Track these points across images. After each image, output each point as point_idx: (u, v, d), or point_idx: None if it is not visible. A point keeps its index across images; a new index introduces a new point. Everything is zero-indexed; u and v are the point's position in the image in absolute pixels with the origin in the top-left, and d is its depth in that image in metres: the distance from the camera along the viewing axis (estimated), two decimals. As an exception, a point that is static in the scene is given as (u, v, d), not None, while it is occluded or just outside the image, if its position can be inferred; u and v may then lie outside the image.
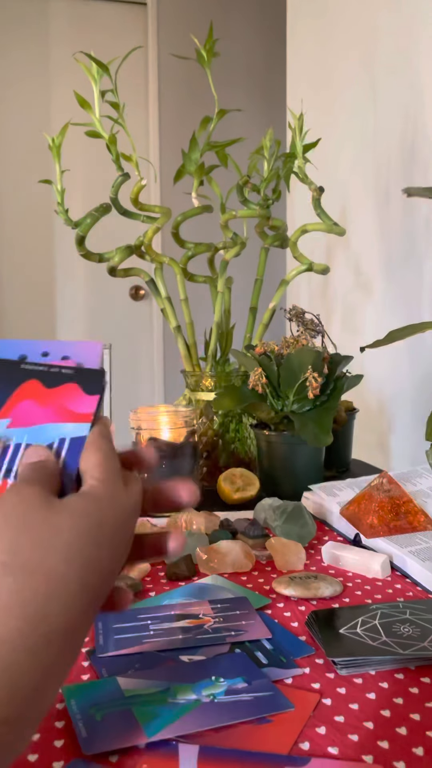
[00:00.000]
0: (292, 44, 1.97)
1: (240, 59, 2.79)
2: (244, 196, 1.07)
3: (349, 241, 1.59)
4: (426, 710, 0.42)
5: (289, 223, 1.79)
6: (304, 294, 1.88)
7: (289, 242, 1.05)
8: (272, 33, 2.79)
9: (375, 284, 1.52)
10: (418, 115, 1.32)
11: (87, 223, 0.99)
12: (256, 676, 0.45)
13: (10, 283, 2.68)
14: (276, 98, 2.72)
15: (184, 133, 1.43)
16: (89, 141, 1.05)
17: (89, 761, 0.37)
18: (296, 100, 1.86)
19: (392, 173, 1.43)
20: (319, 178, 1.10)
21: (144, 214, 1.06)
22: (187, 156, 1.07)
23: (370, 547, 0.69)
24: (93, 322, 2.76)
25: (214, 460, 1.02)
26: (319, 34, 1.79)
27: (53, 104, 2.65)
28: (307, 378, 0.85)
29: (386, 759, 0.38)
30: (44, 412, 0.39)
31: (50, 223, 2.66)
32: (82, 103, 0.97)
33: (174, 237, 1.12)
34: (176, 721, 0.40)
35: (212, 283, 1.11)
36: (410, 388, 1.37)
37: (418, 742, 0.39)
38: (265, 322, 1.08)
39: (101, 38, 2.65)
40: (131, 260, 1.06)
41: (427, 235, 1.29)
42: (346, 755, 0.38)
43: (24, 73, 2.63)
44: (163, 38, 2.71)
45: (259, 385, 0.89)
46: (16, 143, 2.62)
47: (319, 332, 1.01)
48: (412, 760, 0.37)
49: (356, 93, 1.57)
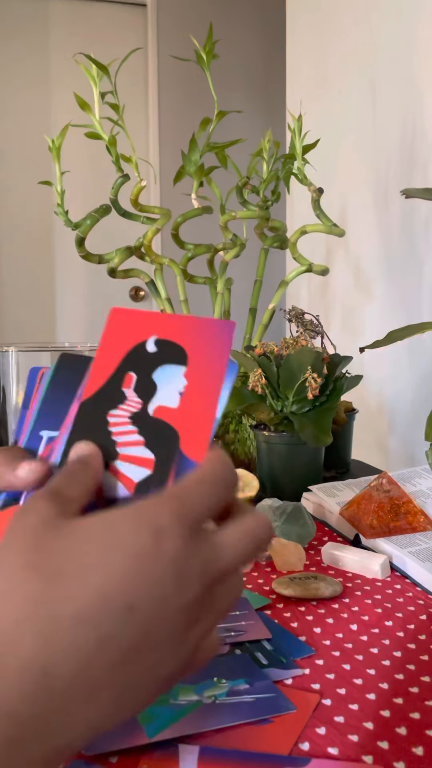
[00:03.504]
0: (291, 45, 1.97)
1: (239, 60, 2.79)
2: (244, 197, 1.07)
3: (348, 242, 1.59)
4: (426, 709, 0.42)
5: (289, 225, 1.79)
6: (303, 295, 1.88)
7: (289, 243, 1.05)
8: (272, 34, 2.79)
9: (374, 285, 1.52)
10: (417, 117, 1.32)
11: (87, 225, 1.00)
12: (258, 677, 0.46)
13: (10, 284, 2.68)
14: (275, 99, 2.72)
15: (183, 134, 1.43)
16: (89, 142, 1.05)
17: (89, 761, 0.37)
18: (295, 101, 1.87)
19: (391, 174, 1.43)
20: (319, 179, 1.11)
21: (144, 215, 1.06)
22: (186, 157, 1.08)
23: (370, 548, 0.69)
24: (93, 323, 2.76)
25: (213, 461, 1.02)
26: (318, 36, 1.79)
27: (53, 105, 2.65)
28: (307, 379, 0.85)
29: (386, 759, 0.38)
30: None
31: (50, 224, 2.66)
32: (82, 105, 0.98)
33: (174, 238, 1.12)
34: (177, 722, 0.40)
35: (212, 284, 1.11)
36: (410, 389, 1.37)
37: (418, 741, 0.39)
38: (265, 323, 1.08)
39: (101, 39, 2.66)
40: (131, 261, 1.06)
41: (426, 236, 1.30)
42: (346, 756, 0.38)
43: (24, 75, 2.63)
44: (162, 40, 2.71)
45: (258, 386, 0.89)
46: (16, 144, 2.63)
47: (319, 333, 1.01)
48: (413, 761, 0.37)
49: (355, 94, 1.57)
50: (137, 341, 0.35)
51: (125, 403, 0.33)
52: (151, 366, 0.34)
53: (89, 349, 0.93)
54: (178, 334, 0.34)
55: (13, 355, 0.88)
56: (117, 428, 0.33)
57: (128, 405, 0.33)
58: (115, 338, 0.35)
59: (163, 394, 0.33)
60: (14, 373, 0.88)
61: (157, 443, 0.32)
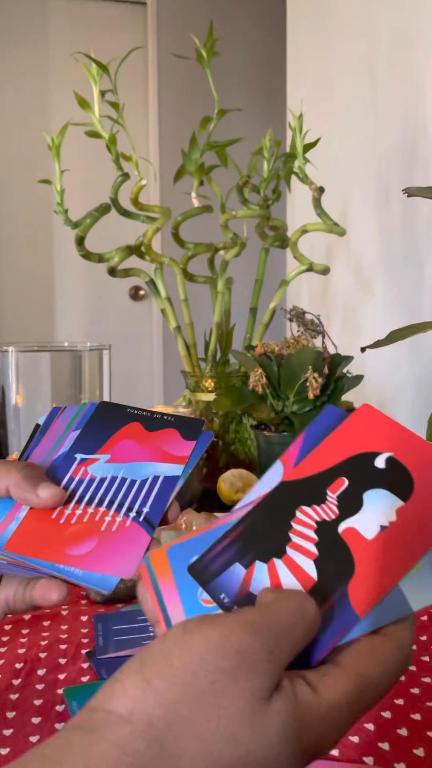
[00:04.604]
0: (292, 43, 1.97)
1: (240, 59, 2.79)
2: (244, 196, 1.07)
3: (349, 241, 1.59)
4: (427, 709, 0.42)
5: (289, 224, 1.79)
6: (304, 294, 1.88)
7: (290, 242, 1.05)
8: (272, 32, 2.79)
9: (375, 284, 1.52)
10: (419, 115, 1.32)
11: (87, 224, 0.99)
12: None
13: (10, 283, 2.68)
14: (276, 98, 2.72)
15: (184, 133, 1.43)
16: (89, 141, 1.05)
17: None
18: (296, 99, 1.86)
19: (393, 173, 1.42)
20: (320, 178, 1.10)
21: (144, 214, 1.06)
22: (187, 156, 1.07)
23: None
24: (93, 322, 2.76)
25: (214, 460, 1.02)
26: (319, 34, 1.79)
27: (53, 104, 2.65)
28: (308, 378, 0.85)
29: (387, 760, 0.37)
30: (142, 452, 0.41)
31: (50, 223, 2.66)
32: (82, 103, 0.97)
33: (174, 237, 1.12)
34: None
35: (212, 284, 1.11)
36: (411, 389, 1.37)
37: (418, 742, 0.39)
38: (266, 323, 1.08)
39: (101, 38, 2.65)
40: (131, 260, 1.06)
41: (428, 235, 1.29)
42: (347, 756, 0.38)
43: (24, 73, 2.63)
44: (162, 38, 2.71)
45: (259, 386, 0.89)
46: (16, 143, 2.62)
47: (320, 332, 1.01)
48: (413, 762, 0.37)
49: (356, 92, 1.57)
50: (369, 449, 0.31)
51: (321, 507, 0.30)
52: (368, 483, 0.30)
53: (89, 349, 0.93)
54: (417, 462, 0.31)
55: (13, 355, 0.88)
56: (299, 527, 0.30)
57: (323, 509, 0.30)
58: (351, 434, 0.32)
59: (363, 518, 0.29)
60: (14, 372, 0.88)
61: (328, 567, 0.28)
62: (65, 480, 0.40)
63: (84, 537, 0.37)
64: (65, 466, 0.41)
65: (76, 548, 0.36)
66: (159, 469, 0.40)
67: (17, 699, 0.45)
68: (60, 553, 0.36)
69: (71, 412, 0.44)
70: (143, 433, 0.42)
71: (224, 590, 0.28)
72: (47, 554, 0.36)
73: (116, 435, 0.42)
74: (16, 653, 0.51)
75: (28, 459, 0.42)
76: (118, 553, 0.36)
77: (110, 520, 0.38)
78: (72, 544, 0.37)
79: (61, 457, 0.41)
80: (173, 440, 0.42)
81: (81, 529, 0.37)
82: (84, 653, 0.51)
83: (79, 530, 0.37)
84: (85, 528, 0.37)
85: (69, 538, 0.37)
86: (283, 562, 0.29)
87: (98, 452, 0.41)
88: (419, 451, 0.31)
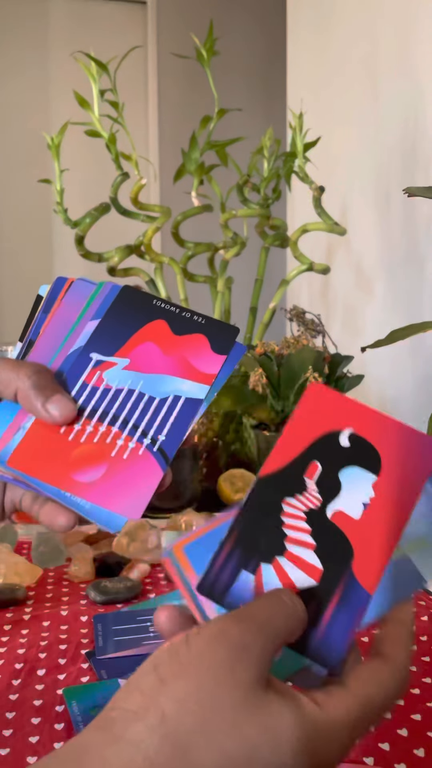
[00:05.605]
0: (292, 43, 1.97)
1: (240, 58, 2.79)
2: (244, 195, 1.07)
3: (349, 240, 1.59)
4: (427, 710, 0.42)
5: (290, 223, 1.79)
6: (304, 294, 1.88)
7: (290, 242, 1.05)
8: (272, 32, 2.79)
9: (376, 284, 1.52)
10: (419, 114, 1.31)
11: (86, 223, 0.99)
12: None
13: (9, 282, 2.67)
14: (276, 97, 2.72)
15: (184, 132, 1.43)
16: (88, 140, 1.05)
17: None
18: (296, 99, 1.86)
19: (393, 172, 1.42)
20: (320, 177, 1.10)
21: (144, 213, 1.06)
22: (187, 155, 1.07)
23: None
24: (93, 321, 2.76)
25: (213, 461, 1.02)
26: (319, 33, 1.78)
27: (52, 103, 2.65)
28: (308, 378, 0.85)
29: (387, 760, 0.37)
30: (165, 362, 0.37)
31: (49, 222, 2.65)
32: (82, 103, 0.97)
33: (174, 237, 1.12)
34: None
35: (212, 283, 1.11)
36: (411, 389, 1.37)
37: (419, 743, 0.39)
38: (266, 322, 1.08)
39: (101, 37, 2.65)
40: (131, 260, 1.06)
41: (428, 235, 1.29)
42: (347, 757, 0.38)
43: (23, 72, 2.63)
44: (162, 37, 2.70)
45: (259, 386, 0.89)
46: (15, 142, 2.62)
47: (320, 332, 1.01)
48: (414, 762, 0.37)
49: (357, 92, 1.57)
50: (330, 428, 0.31)
51: (304, 495, 0.30)
52: (339, 462, 0.31)
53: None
54: (377, 434, 0.31)
55: (13, 355, 0.88)
56: (290, 520, 0.30)
57: (307, 498, 0.30)
58: (308, 416, 0.31)
59: (346, 500, 0.30)
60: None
61: (329, 554, 0.29)
62: (77, 386, 0.36)
63: (92, 461, 0.34)
64: (79, 367, 0.36)
65: (83, 474, 0.34)
66: (181, 387, 0.36)
67: (17, 699, 0.45)
68: (66, 477, 0.34)
69: (85, 290, 0.38)
70: (169, 336, 0.37)
71: (241, 600, 0.28)
72: (52, 476, 0.34)
73: (138, 333, 0.37)
74: (16, 654, 0.51)
75: (34, 348, 0.37)
76: (127, 488, 0.34)
77: (122, 444, 0.35)
78: (79, 468, 0.34)
79: (75, 354, 0.37)
80: (201, 351, 0.37)
81: (90, 450, 0.35)
82: (84, 653, 0.51)
83: (88, 452, 0.34)
84: (95, 450, 0.35)
85: (76, 460, 0.34)
86: (286, 558, 0.29)
87: (117, 354, 0.37)
88: (375, 422, 0.32)
